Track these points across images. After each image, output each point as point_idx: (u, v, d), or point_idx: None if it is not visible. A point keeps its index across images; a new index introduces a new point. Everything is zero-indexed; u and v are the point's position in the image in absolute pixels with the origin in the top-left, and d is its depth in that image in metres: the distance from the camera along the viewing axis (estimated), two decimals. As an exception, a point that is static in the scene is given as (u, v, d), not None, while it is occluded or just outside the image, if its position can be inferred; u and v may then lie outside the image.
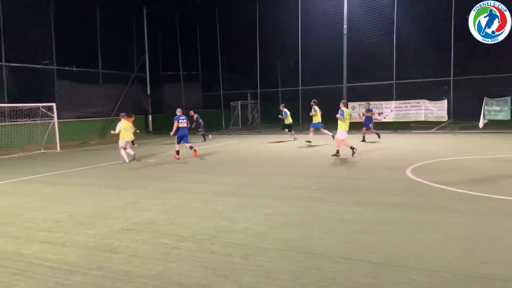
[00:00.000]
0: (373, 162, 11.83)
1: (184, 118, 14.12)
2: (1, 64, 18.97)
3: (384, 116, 22.70)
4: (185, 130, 14.03)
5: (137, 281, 4.13)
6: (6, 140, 17.65)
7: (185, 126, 14.00)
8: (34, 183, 10.34)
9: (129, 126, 14.32)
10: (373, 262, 4.38)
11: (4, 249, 5.26)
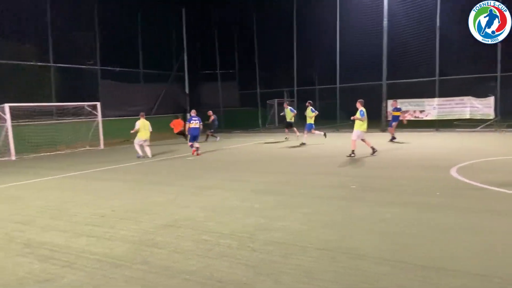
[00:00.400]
0: (415, 162, 11.47)
1: (197, 119, 14.88)
2: (50, 65, 19.88)
3: (426, 114, 21.96)
4: (197, 131, 14.80)
5: (179, 276, 4.20)
6: (54, 137, 18.50)
7: (197, 127, 14.75)
8: (80, 179, 10.78)
9: (147, 125, 14.91)
10: (418, 265, 4.24)
11: (53, 242, 5.50)
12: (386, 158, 12.38)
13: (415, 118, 22.30)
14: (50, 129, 18.48)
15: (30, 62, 19.31)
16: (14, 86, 18.76)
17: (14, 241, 5.62)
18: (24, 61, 18.97)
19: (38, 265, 4.68)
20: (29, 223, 6.50)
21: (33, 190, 9.44)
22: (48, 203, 7.87)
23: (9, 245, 5.44)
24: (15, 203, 8.01)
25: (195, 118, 14.94)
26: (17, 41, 18.74)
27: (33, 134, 17.64)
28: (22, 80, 19.08)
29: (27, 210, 7.36)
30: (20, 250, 5.23)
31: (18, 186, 10.01)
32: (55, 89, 20.18)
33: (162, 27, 26.93)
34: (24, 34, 18.93)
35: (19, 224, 6.47)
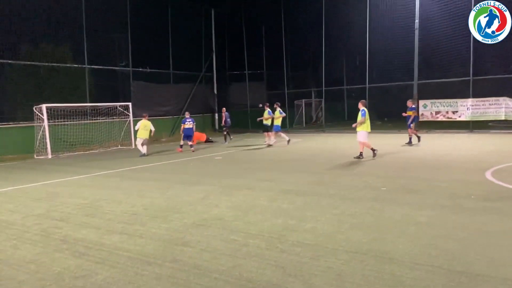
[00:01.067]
0: (448, 163, 11.16)
1: (191, 120, 16.62)
2: (84, 66, 20.51)
3: (459, 114, 21.31)
4: (190, 131, 16.53)
5: (209, 275, 4.24)
6: (88, 136, 19.07)
7: (190, 127, 16.51)
8: (112, 177, 11.07)
9: (148, 125, 15.80)
10: (453, 270, 4.12)
11: (88, 238, 5.67)
12: (417, 159, 12.09)
13: (447, 119, 21.68)
14: (85, 128, 19.05)
15: (66, 64, 19.97)
16: (50, 87, 19.47)
17: (51, 237, 5.82)
18: (60, 63, 19.64)
19: (74, 261, 4.83)
20: (65, 219, 6.73)
21: (69, 187, 9.76)
22: (83, 201, 8.12)
23: (47, 241, 5.64)
24: (52, 200, 8.31)
25: (189, 119, 16.68)
26: (53, 44, 19.41)
27: (68, 133, 18.23)
28: (58, 82, 19.78)
29: (63, 207, 7.62)
30: (57, 246, 5.42)
31: (54, 184, 10.37)
32: (89, 90, 20.79)
33: (191, 28, 27.30)
34: (60, 37, 19.58)
35: (56, 220, 6.70)
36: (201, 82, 28.21)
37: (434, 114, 22.08)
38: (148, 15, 23.73)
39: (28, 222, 6.68)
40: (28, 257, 5.02)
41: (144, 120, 15.98)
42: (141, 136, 15.81)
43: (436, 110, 21.98)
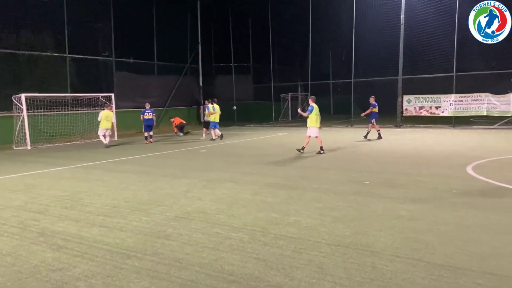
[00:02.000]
0: (431, 158, 11.29)
1: (150, 111, 17.28)
2: (65, 56, 20.06)
3: (442, 110, 21.60)
4: (151, 121, 17.24)
5: (190, 269, 4.18)
6: (69, 127, 18.72)
7: (150, 118, 17.22)
8: (93, 169, 10.87)
9: (110, 116, 16.08)
10: (433, 263, 4.15)
11: (66, 231, 5.54)
12: (400, 154, 12.20)
13: (431, 114, 21.97)
14: (65, 119, 18.70)
15: (46, 52, 19.50)
16: (30, 76, 19.01)
17: (29, 229, 5.68)
18: (40, 52, 19.17)
19: (51, 254, 4.71)
20: (44, 212, 6.57)
21: (48, 179, 9.55)
22: (62, 193, 7.95)
23: (24, 234, 5.50)
24: (30, 192, 8.11)
25: (148, 110, 17.34)
26: (34, 32, 18.94)
27: (48, 124, 17.87)
28: (38, 71, 19.33)
29: (42, 199, 7.45)
30: (35, 238, 5.28)
31: (33, 175, 10.14)
32: (71, 80, 20.37)
33: (177, 19, 26.95)
34: (41, 25, 19.11)
35: (33, 213, 6.54)
36: (186, 74, 27.94)
37: (418, 109, 22.35)
38: (132, 4, 23.35)
39: (5, 214, 6.51)
40: (4, 250, 4.88)
41: (106, 111, 16.14)
42: (103, 127, 15.94)
43: (420, 105, 22.24)
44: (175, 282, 3.89)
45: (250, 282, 3.84)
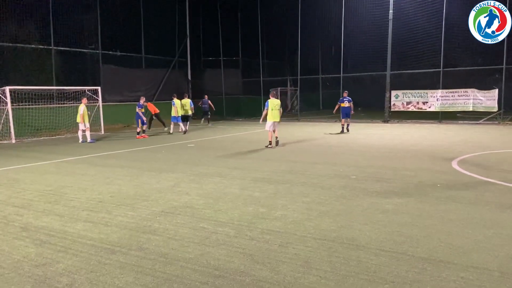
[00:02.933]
0: (417, 153, 11.39)
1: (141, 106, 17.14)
2: (50, 48, 19.72)
3: (429, 105, 21.80)
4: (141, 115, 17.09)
5: (175, 264, 4.16)
6: (54, 121, 18.44)
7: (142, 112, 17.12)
8: (79, 164, 10.74)
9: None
10: (416, 257, 4.19)
11: (50, 226, 5.47)
12: (387, 149, 12.30)
13: (418, 109, 22.17)
14: (51, 112, 18.41)
15: (31, 45, 19.15)
16: (14, 69, 18.66)
17: (12, 224, 5.59)
18: (25, 44, 18.81)
19: (34, 249, 4.65)
20: (27, 206, 6.47)
21: (32, 173, 9.41)
22: (46, 187, 7.84)
23: (7, 228, 5.41)
24: (14, 187, 7.98)
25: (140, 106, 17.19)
26: (18, 24, 18.57)
27: (33, 117, 17.58)
28: (23, 63, 18.98)
29: (25, 194, 7.33)
30: (17, 233, 5.20)
31: (17, 170, 9.98)
32: (56, 73, 20.06)
33: (165, 12, 26.67)
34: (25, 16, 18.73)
35: (17, 207, 6.44)
36: (174, 67, 27.72)
37: (405, 104, 22.52)
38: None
39: (-13, 209, 6.39)
40: (-15, 246, 4.80)
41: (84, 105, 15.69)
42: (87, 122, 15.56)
43: (407, 100, 22.42)
44: (160, 277, 3.87)
45: (236, 277, 3.83)
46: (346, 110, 17.38)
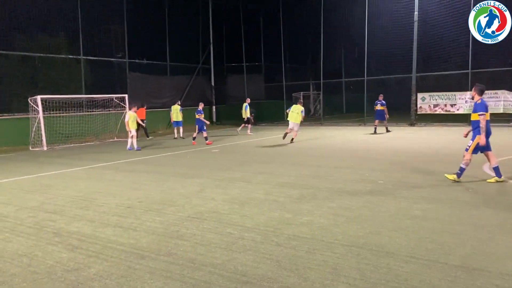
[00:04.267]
0: (445, 157, 11.12)
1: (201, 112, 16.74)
2: (80, 57, 20.32)
3: (457, 107, 21.27)
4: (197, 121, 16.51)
5: (203, 269, 4.19)
6: (83, 128, 18.96)
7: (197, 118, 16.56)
8: (107, 170, 10.99)
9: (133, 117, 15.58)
10: (449, 264, 4.08)
11: (81, 231, 5.61)
12: (414, 153, 12.05)
13: (446, 112, 21.67)
14: (80, 120, 18.95)
15: (61, 55, 19.78)
16: (46, 78, 19.32)
17: (45, 230, 5.76)
18: (56, 54, 19.45)
19: (67, 254, 4.77)
20: (59, 212, 6.66)
21: (63, 179, 9.69)
22: (77, 193, 8.05)
23: (40, 234, 5.58)
24: (46, 193, 8.24)
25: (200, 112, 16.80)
26: (49, 35, 19.23)
27: (63, 125, 18.12)
28: (53, 73, 19.62)
29: (57, 200, 7.55)
30: (50, 239, 5.36)
31: (49, 176, 10.29)
32: (85, 82, 20.63)
33: (189, 20, 27.10)
34: (56, 27, 19.40)
35: (49, 213, 6.63)
36: (198, 74, 28.05)
37: (432, 107, 22.05)
38: (145, 5, 23.53)
39: (21, 214, 6.62)
40: (20, 250, 4.96)
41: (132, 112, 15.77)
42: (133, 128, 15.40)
43: (434, 103, 21.95)
44: (188, 282, 3.90)
45: (263, 283, 3.83)
46: (378, 113, 18.59)
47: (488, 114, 7.68)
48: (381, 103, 18.48)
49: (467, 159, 7.69)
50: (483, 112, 7.54)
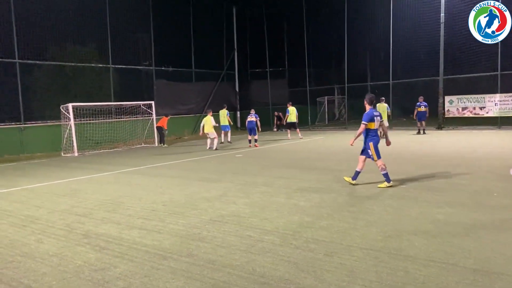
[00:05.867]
0: (472, 161, 10.89)
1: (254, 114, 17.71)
2: (109, 66, 21.01)
3: (487, 110, 20.72)
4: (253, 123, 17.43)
5: (223, 270, 4.32)
6: (112, 135, 19.55)
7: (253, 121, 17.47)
8: (134, 174, 11.32)
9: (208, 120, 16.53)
10: (468, 268, 4.06)
11: (108, 233, 5.85)
12: (439, 156, 11.85)
13: (474, 115, 21.14)
14: (109, 127, 19.55)
15: (91, 64, 20.51)
16: (76, 86, 20.06)
17: (74, 231, 6.03)
18: (86, 63, 20.19)
19: (94, 254, 5.00)
20: (88, 215, 6.95)
21: (92, 184, 10.06)
22: (105, 197, 8.36)
23: (70, 236, 5.85)
24: (76, 196, 8.59)
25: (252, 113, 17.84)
26: (79, 45, 20.00)
27: (94, 131, 18.75)
28: (84, 81, 20.36)
29: (86, 203, 7.87)
30: (79, 240, 5.61)
31: (79, 181, 10.71)
32: (114, 89, 21.30)
33: (213, 27, 27.56)
34: (85, 37, 20.16)
35: (79, 216, 6.93)
36: (222, 80, 28.41)
37: (461, 110, 21.58)
38: (170, 15, 24.11)
39: (52, 217, 6.94)
40: (51, 251, 5.22)
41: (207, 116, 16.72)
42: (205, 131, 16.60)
43: (463, 106, 21.48)
44: (208, 282, 4.03)
45: (281, 284, 3.91)
46: (421, 114, 19.16)
47: (374, 124, 8.13)
48: (424, 105, 19.00)
49: (380, 165, 8.09)
50: (364, 121, 8.12)
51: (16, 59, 17.42)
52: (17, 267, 4.73)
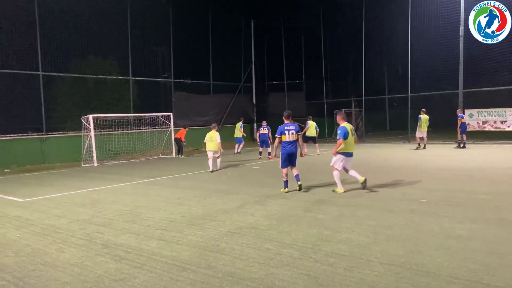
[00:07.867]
0: (494, 176, 10.66)
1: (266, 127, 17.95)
2: (128, 78, 21.41)
3: (508, 124, 20.31)
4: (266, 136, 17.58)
5: (241, 283, 4.30)
6: (131, 146, 19.82)
7: (265, 133, 17.58)
8: (153, 185, 11.43)
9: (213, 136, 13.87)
10: (492, 285, 3.96)
11: (128, 244, 5.90)
12: (461, 171, 11.63)
13: (495, 129, 20.74)
14: (128, 138, 19.82)
15: (112, 76, 20.94)
16: (97, 98, 20.48)
17: (94, 241, 6.10)
18: (107, 75, 20.63)
19: (114, 264, 5.05)
20: (107, 225, 7.03)
21: (112, 194, 10.19)
22: (124, 207, 8.45)
23: (90, 245, 5.92)
24: (96, 206, 8.70)
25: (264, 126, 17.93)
26: (101, 57, 20.46)
27: (113, 142, 19.03)
28: (104, 93, 20.78)
29: (106, 213, 7.97)
30: (99, 250, 5.68)
31: (99, 191, 10.85)
32: (133, 101, 21.66)
33: (231, 40, 27.87)
34: (107, 50, 20.61)
35: (98, 226, 7.02)
36: (240, 92, 28.59)
37: (481, 123, 21.21)
38: (189, 28, 24.50)
39: (73, 227, 7.05)
40: (72, 260, 5.29)
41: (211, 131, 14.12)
42: (207, 149, 14.09)
43: (483, 119, 21.11)
44: (227, 295, 4.02)
45: (300, 298, 3.88)
46: (464, 126, 18.60)
47: (285, 137, 9.31)
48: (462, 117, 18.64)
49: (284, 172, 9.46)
50: (277, 135, 9.45)
51: (40, 71, 17.89)
52: (39, 275, 4.80)
